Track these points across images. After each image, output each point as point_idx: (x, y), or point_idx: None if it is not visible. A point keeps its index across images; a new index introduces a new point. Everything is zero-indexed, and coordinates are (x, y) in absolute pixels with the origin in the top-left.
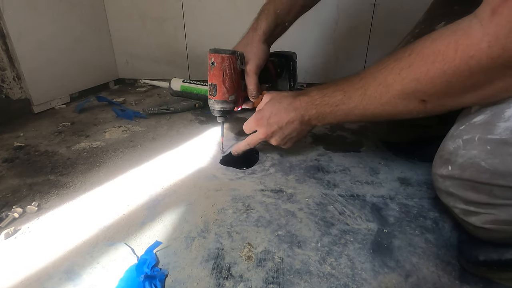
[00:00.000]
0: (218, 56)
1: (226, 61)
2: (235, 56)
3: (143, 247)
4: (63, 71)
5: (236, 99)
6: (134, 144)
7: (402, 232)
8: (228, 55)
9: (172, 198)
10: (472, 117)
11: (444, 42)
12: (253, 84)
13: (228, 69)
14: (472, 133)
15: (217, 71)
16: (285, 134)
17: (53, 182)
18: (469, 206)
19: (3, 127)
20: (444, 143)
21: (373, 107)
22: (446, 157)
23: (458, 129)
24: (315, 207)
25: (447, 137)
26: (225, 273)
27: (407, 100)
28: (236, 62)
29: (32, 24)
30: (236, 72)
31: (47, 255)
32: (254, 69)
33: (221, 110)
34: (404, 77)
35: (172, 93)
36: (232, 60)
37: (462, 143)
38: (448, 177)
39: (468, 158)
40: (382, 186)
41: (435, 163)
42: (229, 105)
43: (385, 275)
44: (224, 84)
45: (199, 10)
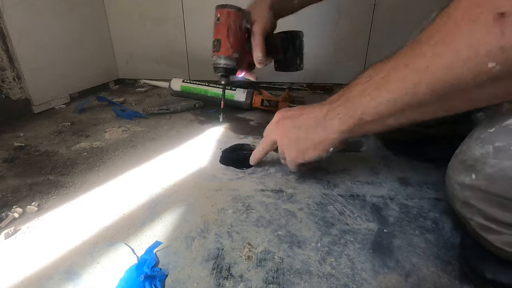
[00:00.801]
0: (224, 11)
1: (231, 16)
2: (241, 13)
3: (143, 247)
4: (63, 71)
5: (239, 59)
6: (134, 144)
7: (402, 232)
8: (234, 10)
9: (172, 198)
10: (504, 118)
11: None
12: (259, 45)
13: (233, 25)
14: (506, 140)
15: (222, 26)
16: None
17: (53, 182)
18: (491, 223)
19: (3, 127)
20: (467, 145)
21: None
22: (470, 163)
23: (487, 132)
24: (315, 207)
25: (471, 138)
26: (225, 273)
27: (472, 23)
28: (242, 20)
29: (32, 24)
30: (241, 30)
31: (47, 255)
32: (260, 31)
33: (224, 67)
34: None
35: (172, 93)
36: (237, 16)
37: (493, 150)
38: (469, 186)
39: (500, 170)
40: (382, 186)
41: (453, 168)
42: (232, 62)
43: (385, 275)
44: (228, 39)
45: (199, 10)
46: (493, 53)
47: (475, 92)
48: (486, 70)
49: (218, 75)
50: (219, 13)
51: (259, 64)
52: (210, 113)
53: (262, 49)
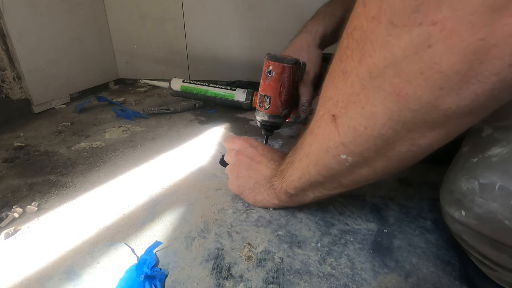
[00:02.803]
0: (278, 66)
1: (286, 71)
2: (297, 66)
3: (143, 247)
4: (63, 71)
5: (288, 113)
6: (134, 144)
7: (402, 232)
8: (291, 65)
9: (172, 198)
10: (485, 145)
11: None
12: (308, 96)
13: (287, 81)
14: (490, 177)
15: (275, 83)
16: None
17: (53, 182)
18: (486, 261)
19: (3, 127)
20: (454, 174)
21: (304, 139)
22: (457, 196)
23: (470, 161)
24: (315, 207)
25: (457, 166)
26: (225, 273)
27: (322, 119)
28: (297, 73)
29: (32, 24)
30: (293, 83)
31: (47, 255)
32: (311, 80)
33: (270, 125)
34: (321, 91)
35: (172, 93)
36: (293, 71)
37: (479, 187)
38: (460, 222)
39: (488, 212)
40: (382, 186)
41: (443, 196)
42: (280, 120)
43: (385, 275)
44: (280, 97)
45: (199, 10)
46: (339, 148)
47: (351, 174)
48: (342, 159)
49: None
50: (271, 66)
51: (303, 113)
52: (210, 113)
53: (310, 100)
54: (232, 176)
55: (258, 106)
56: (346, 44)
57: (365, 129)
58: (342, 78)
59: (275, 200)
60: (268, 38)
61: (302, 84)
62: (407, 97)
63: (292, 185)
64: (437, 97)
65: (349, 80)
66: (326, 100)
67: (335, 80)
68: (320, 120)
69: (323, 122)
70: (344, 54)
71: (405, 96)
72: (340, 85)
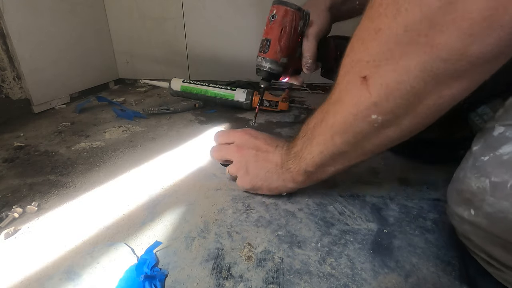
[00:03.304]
0: (281, 8)
1: (289, 15)
2: (300, 13)
3: (143, 247)
4: (63, 71)
5: (287, 64)
6: (134, 144)
7: (402, 232)
8: (294, 9)
9: (172, 198)
10: (496, 143)
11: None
12: (311, 50)
13: (289, 26)
14: (502, 176)
15: (276, 25)
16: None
17: (53, 182)
18: (492, 261)
19: (3, 127)
20: (463, 173)
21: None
22: (467, 196)
23: (481, 160)
24: (315, 207)
25: (466, 165)
26: (225, 273)
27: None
28: (299, 21)
29: (32, 24)
30: (295, 32)
31: (47, 255)
32: (315, 33)
33: (268, 71)
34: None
35: (172, 93)
36: (295, 16)
37: (490, 186)
38: (469, 222)
39: (499, 211)
40: (382, 186)
41: (451, 196)
42: (277, 68)
43: (385, 275)
44: (280, 41)
45: (199, 10)
46: (370, 109)
47: (377, 137)
48: (372, 120)
49: (259, 77)
50: (275, 9)
51: (307, 70)
52: (210, 113)
53: (313, 55)
54: (241, 173)
55: (259, 51)
56: (379, 2)
57: (398, 84)
58: (374, 37)
59: (290, 184)
60: None
61: (305, 39)
62: (440, 47)
63: (313, 162)
64: (466, 44)
65: (383, 37)
66: (354, 64)
67: (365, 41)
68: (347, 86)
69: (351, 87)
70: (376, 12)
71: (438, 46)
72: (371, 45)
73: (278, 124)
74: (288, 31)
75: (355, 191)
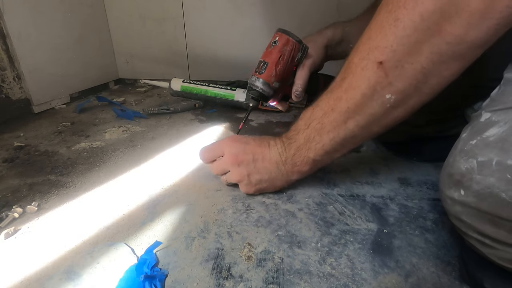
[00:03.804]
0: (283, 37)
1: (290, 45)
2: (300, 45)
3: (143, 247)
4: (63, 71)
5: (278, 89)
6: (134, 144)
7: (402, 232)
8: (295, 41)
9: (172, 198)
10: (483, 127)
11: None
12: (303, 79)
13: (288, 54)
14: (487, 155)
15: (276, 51)
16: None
17: (53, 182)
18: (485, 239)
19: (3, 127)
20: (453, 158)
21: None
22: (457, 178)
23: (469, 144)
24: (315, 207)
25: (455, 150)
26: (225, 273)
27: (365, 69)
28: (298, 52)
29: (32, 24)
30: (292, 61)
31: (47, 255)
32: (310, 64)
33: (259, 92)
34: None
35: (172, 93)
36: (295, 47)
37: (477, 165)
38: (460, 202)
39: (486, 187)
40: (382, 186)
41: (443, 181)
42: (269, 91)
43: (385, 275)
44: (276, 66)
45: (199, 10)
46: (386, 88)
47: (385, 118)
48: (386, 100)
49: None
50: (278, 37)
51: (296, 97)
52: (210, 113)
53: (304, 84)
54: (244, 182)
55: (254, 72)
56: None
57: (411, 65)
58: (393, 25)
59: (295, 176)
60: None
61: (300, 68)
62: (446, 33)
63: (323, 150)
64: (465, 31)
65: (401, 25)
66: (371, 50)
67: (383, 29)
68: (362, 72)
69: (367, 71)
70: (395, 5)
71: (445, 31)
72: (390, 32)
73: (278, 124)
74: (286, 59)
75: (355, 191)
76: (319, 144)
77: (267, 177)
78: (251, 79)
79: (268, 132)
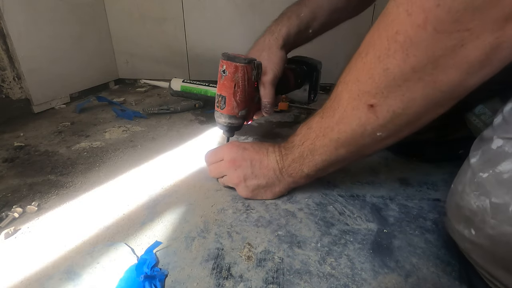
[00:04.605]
0: (231, 65)
1: (240, 71)
2: (251, 66)
3: (143, 247)
4: (63, 71)
5: (246, 114)
6: (134, 144)
7: (402, 232)
8: (244, 64)
9: (172, 198)
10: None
11: (372, 31)
12: (269, 97)
13: (242, 81)
14: (502, 196)
15: (228, 82)
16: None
17: (53, 182)
18: (495, 281)
19: (3, 127)
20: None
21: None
22: (467, 214)
23: (480, 176)
24: (315, 207)
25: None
26: (225, 273)
27: (356, 109)
28: (252, 72)
29: (32, 24)
30: (250, 84)
31: (47, 255)
32: (271, 80)
33: (227, 126)
34: (347, 82)
35: (172, 93)
36: (247, 70)
37: (490, 206)
38: (470, 241)
39: (501, 234)
40: (382, 186)
41: (450, 209)
42: (237, 121)
43: (385, 275)
44: (235, 97)
45: (199, 10)
46: (376, 129)
47: (377, 146)
48: (377, 137)
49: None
50: (225, 65)
51: (266, 114)
52: (210, 113)
53: (272, 101)
54: (241, 186)
55: (216, 106)
56: (387, 46)
57: (403, 110)
58: (383, 75)
59: (292, 185)
60: None
61: (262, 87)
62: (442, 83)
63: (315, 167)
64: (464, 79)
65: (391, 75)
66: (362, 94)
67: (373, 76)
68: (353, 112)
69: (358, 112)
70: (384, 54)
71: (440, 82)
72: (379, 80)
73: (278, 124)
74: (242, 86)
75: (355, 191)
76: (312, 162)
77: (264, 183)
78: (216, 115)
79: (268, 132)
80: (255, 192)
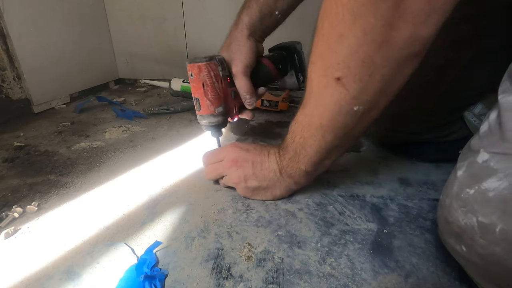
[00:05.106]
0: (194, 66)
1: (203, 70)
2: (213, 62)
3: (143, 247)
4: (63, 71)
5: (225, 110)
6: (134, 144)
7: (402, 232)
8: (204, 63)
9: (172, 198)
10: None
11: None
12: (245, 87)
13: (208, 79)
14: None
15: (197, 83)
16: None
17: (53, 182)
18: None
19: (3, 127)
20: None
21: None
22: (456, 230)
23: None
24: (315, 207)
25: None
26: (225, 273)
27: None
28: (217, 68)
29: (32, 24)
30: (219, 80)
31: (47, 255)
32: (241, 70)
33: (209, 125)
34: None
35: (172, 93)
36: (211, 67)
37: (477, 225)
38: (462, 256)
39: (491, 254)
40: (382, 186)
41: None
42: (217, 119)
43: (385, 275)
44: (207, 96)
45: (199, 10)
46: (351, 103)
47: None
48: (355, 111)
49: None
50: (190, 69)
51: (250, 106)
52: None
53: (249, 90)
54: (241, 186)
55: (196, 111)
56: (336, 11)
57: (370, 76)
58: (339, 42)
59: (293, 186)
60: (268, 38)
61: (235, 79)
62: (394, 40)
63: (311, 162)
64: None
65: (346, 42)
66: (327, 69)
67: (331, 46)
68: (324, 90)
69: (328, 89)
70: (336, 20)
71: (393, 40)
72: (338, 49)
73: (278, 124)
74: (211, 83)
75: (355, 191)
76: (306, 157)
77: (265, 185)
78: (198, 119)
79: (268, 132)
80: (255, 192)
